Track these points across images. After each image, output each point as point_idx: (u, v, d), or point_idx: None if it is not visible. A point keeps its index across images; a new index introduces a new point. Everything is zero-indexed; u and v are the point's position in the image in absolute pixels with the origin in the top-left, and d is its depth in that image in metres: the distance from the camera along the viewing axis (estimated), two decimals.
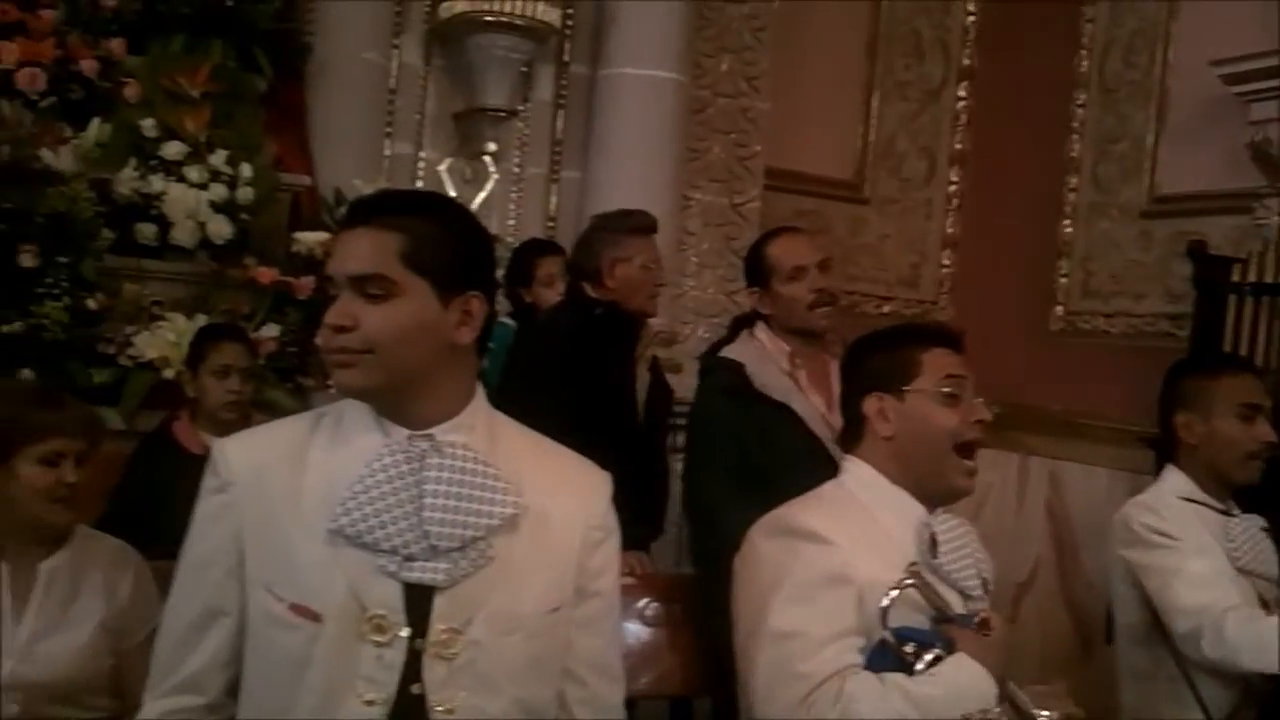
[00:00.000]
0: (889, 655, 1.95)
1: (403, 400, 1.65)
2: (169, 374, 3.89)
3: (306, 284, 4.27)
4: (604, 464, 1.86)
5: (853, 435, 2.23)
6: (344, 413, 1.72)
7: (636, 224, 3.65)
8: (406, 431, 1.65)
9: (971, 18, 6.48)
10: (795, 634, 1.96)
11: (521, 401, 2.13)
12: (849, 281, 6.16)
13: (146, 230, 4.27)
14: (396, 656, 1.59)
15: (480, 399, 1.73)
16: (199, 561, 1.68)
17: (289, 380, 4.13)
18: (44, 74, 4.29)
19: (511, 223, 5.42)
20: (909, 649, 1.95)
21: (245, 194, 4.40)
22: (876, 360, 2.21)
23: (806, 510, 2.12)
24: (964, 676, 1.93)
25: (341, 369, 1.62)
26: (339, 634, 1.58)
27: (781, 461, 2.97)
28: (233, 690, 1.68)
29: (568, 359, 3.47)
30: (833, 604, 1.97)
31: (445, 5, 5.23)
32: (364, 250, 1.61)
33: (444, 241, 1.65)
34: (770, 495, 2.26)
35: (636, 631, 2.72)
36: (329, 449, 1.68)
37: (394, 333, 1.60)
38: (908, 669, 1.94)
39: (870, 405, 2.17)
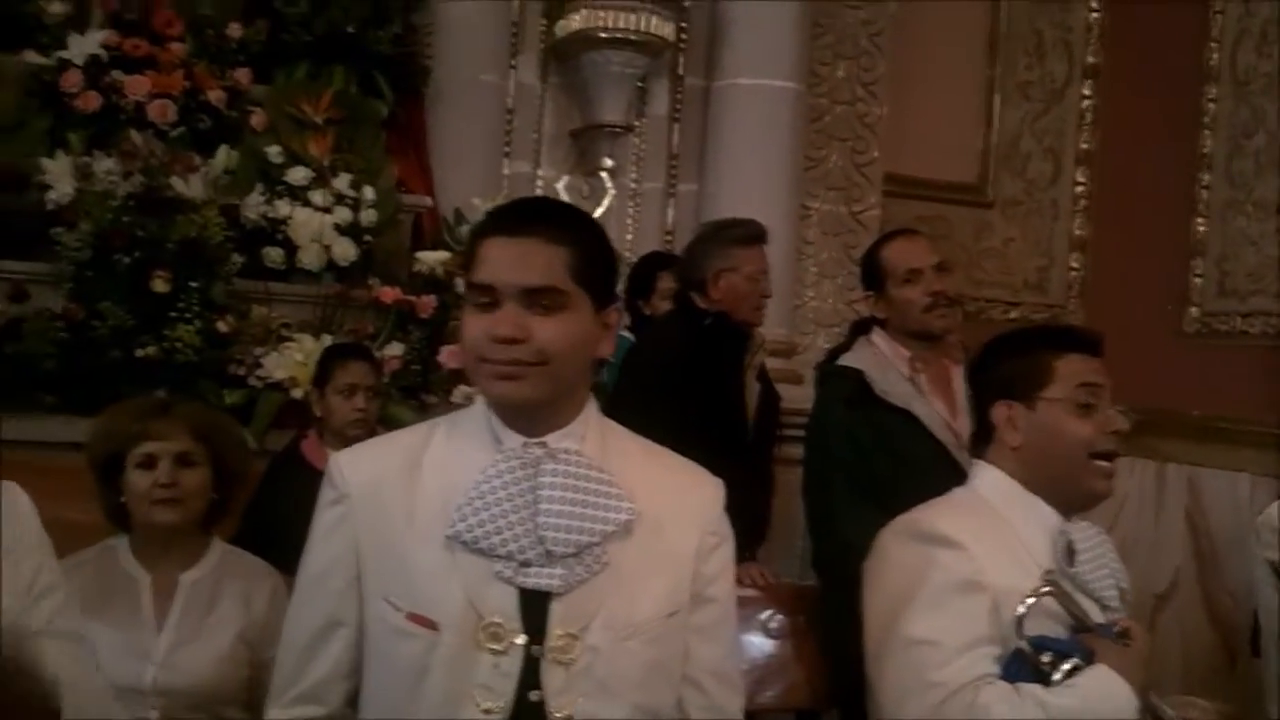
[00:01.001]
0: (1024, 665, 1.89)
1: (544, 410, 1.65)
2: (297, 394, 3.97)
3: (428, 303, 4.33)
4: (714, 473, 1.84)
5: (982, 439, 2.17)
6: (457, 422, 1.74)
7: (742, 233, 3.63)
8: (521, 439, 1.66)
9: (1095, 15, 6.33)
10: (928, 641, 1.91)
11: (633, 410, 2.13)
12: (974, 287, 6.06)
13: (274, 254, 4.38)
14: (513, 664, 1.59)
15: (592, 406, 1.73)
16: (318, 573, 1.71)
17: (413, 398, 4.19)
18: (174, 105, 4.43)
19: (629, 238, 5.42)
20: (1045, 659, 1.89)
21: (368, 216, 4.49)
22: (1007, 365, 2.14)
23: (939, 514, 2.07)
24: (1104, 688, 1.86)
25: (507, 380, 1.61)
26: (456, 642, 1.59)
27: (904, 468, 2.92)
28: (352, 701, 1.70)
29: (677, 369, 3.46)
30: (967, 611, 1.92)
31: (561, 24, 5.28)
32: (538, 262, 1.60)
33: (599, 255, 1.68)
34: (893, 503, 2.22)
35: (760, 644, 2.69)
36: (443, 458, 1.69)
37: (567, 345, 1.60)
38: (1044, 680, 1.87)
39: (999, 413, 2.10)
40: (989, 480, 2.11)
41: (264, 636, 2.46)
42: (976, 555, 1.95)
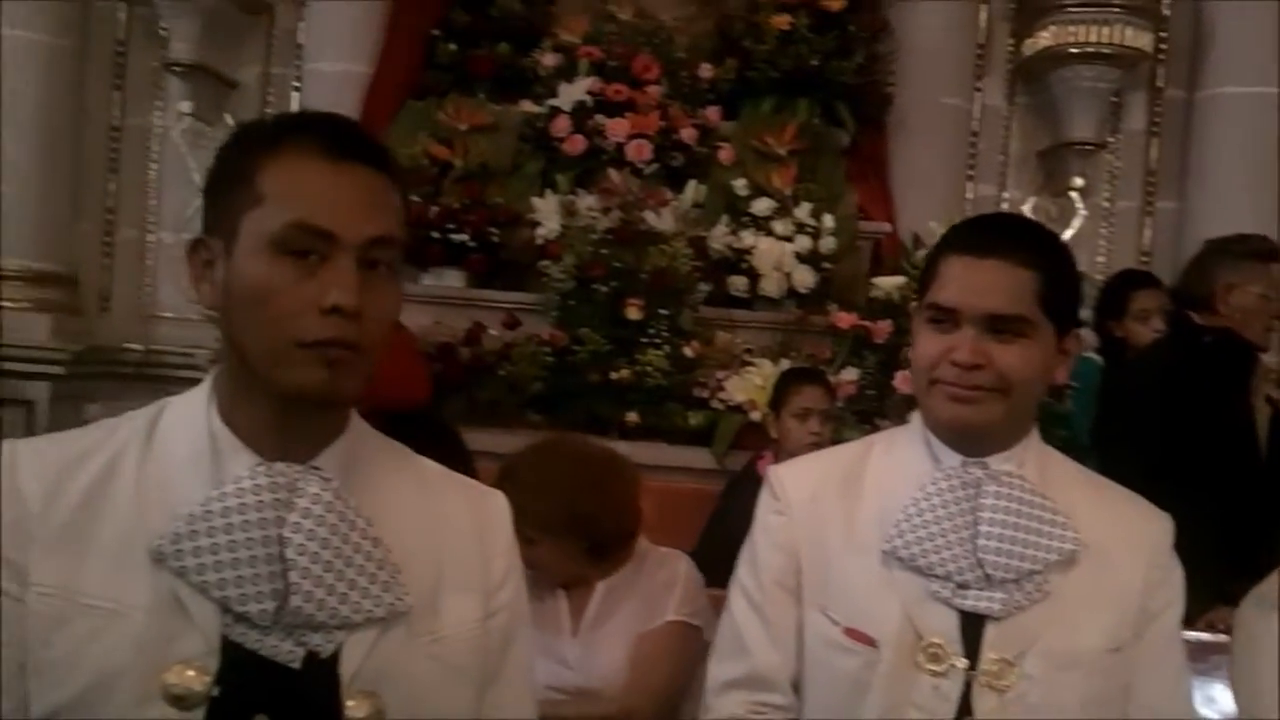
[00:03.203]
0: None
1: (992, 434, 1.64)
2: (756, 416, 4.11)
3: (884, 328, 4.35)
4: (1208, 507, 1.71)
5: None
6: (895, 439, 1.73)
7: (1256, 248, 3.39)
8: (960, 458, 1.64)
9: None
10: None
11: (1121, 439, 2.01)
12: None
13: (738, 282, 4.57)
14: (953, 687, 1.56)
15: (1034, 431, 1.68)
16: (755, 583, 1.75)
17: (867, 422, 4.21)
18: (650, 144, 4.75)
19: (1101, 259, 5.19)
20: None
21: (828, 244, 4.58)
22: None
23: None
24: None
25: (963, 404, 1.58)
26: (895, 661, 1.58)
27: None
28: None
29: (1166, 396, 3.26)
30: None
31: (1029, 42, 5.15)
32: (1004, 288, 1.55)
33: (1067, 281, 1.61)
34: None
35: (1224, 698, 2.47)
36: (881, 474, 1.69)
37: (1029, 374, 1.57)
38: None
39: None
40: None
41: None
42: None
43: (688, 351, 4.28)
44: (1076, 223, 5.19)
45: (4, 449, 1.20)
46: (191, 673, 1.14)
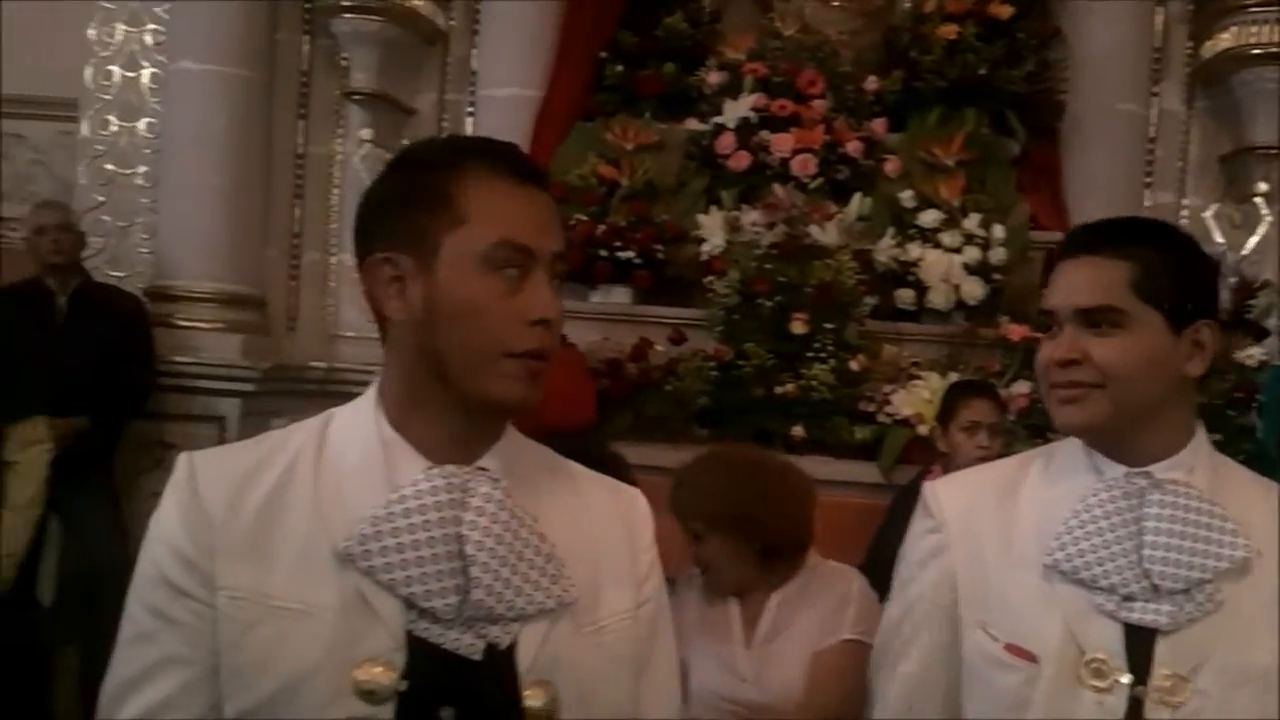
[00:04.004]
0: None
1: (1123, 436, 1.59)
2: (923, 430, 4.07)
3: None
4: None
5: None
6: (1054, 453, 1.70)
7: None
8: (1123, 469, 1.60)
9: None
10: None
11: None
12: None
13: (905, 295, 4.54)
14: (1118, 704, 1.52)
15: (1201, 437, 1.63)
16: (914, 598, 1.75)
17: (1039, 436, 4.11)
18: (815, 159, 4.76)
19: None
20: None
21: (997, 255, 4.51)
22: None
23: None
24: None
25: (1066, 404, 1.58)
26: (1056, 677, 1.55)
27: None
28: None
29: None
30: None
31: (1208, 44, 4.99)
32: (1090, 281, 1.56)
33: (1175, 269, 1.57)
34: None
35: None
36: (1041, 488, 1.66)
37: (1126, 365, 1.54)
38: None
39: None
40: None
41: None
42: None
43: (853, 365, 4.26)
44: (1261, 229, 4.98)
45: (184, 461, 1.28)
46: (379, 669, 1.20)
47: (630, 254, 4.65)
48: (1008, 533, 1.64)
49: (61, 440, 3.52)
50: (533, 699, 1.24)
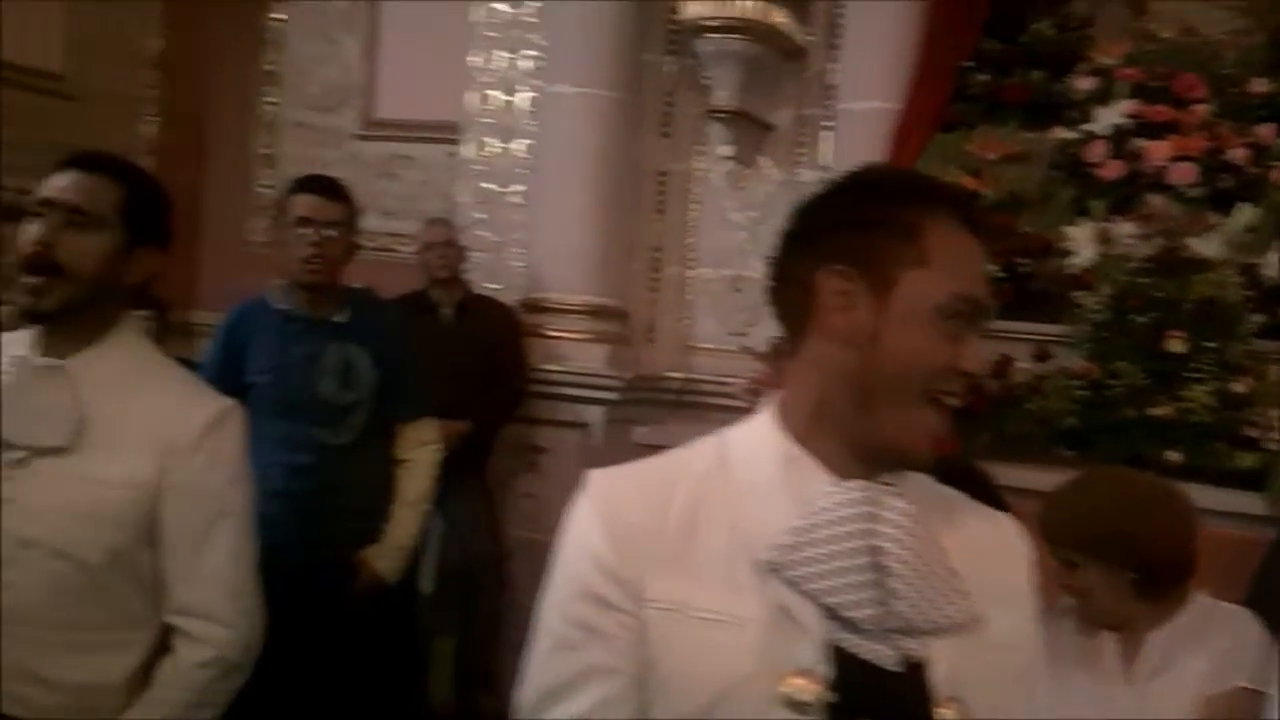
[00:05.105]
0: None
1: None
2: None
3: None
4: None
5: None
6: None
7: None
8: None
9: None
10: None
11: None
12: None
13: None
14: None
15: None
16: None
17: None
18: (1195, 167, 4.48)
19: None
20: None
21: None
22: None
23: None
24: None
25: None
26: None
27: None
28: None
29: None
30: None
31: None
32: None
33: None
34: None
35: None
36: None
37: None
38: None
39: None
40: None
41: None
42: None
43: (1238, 387, 3.98)
44: None
45: (598, 478, 1.34)
46: (805, 680, 1.22)
47: (993, 268, 4.52)
48: None
49: (449, 441, 3.78)
50: (945, 714, 1.24)
